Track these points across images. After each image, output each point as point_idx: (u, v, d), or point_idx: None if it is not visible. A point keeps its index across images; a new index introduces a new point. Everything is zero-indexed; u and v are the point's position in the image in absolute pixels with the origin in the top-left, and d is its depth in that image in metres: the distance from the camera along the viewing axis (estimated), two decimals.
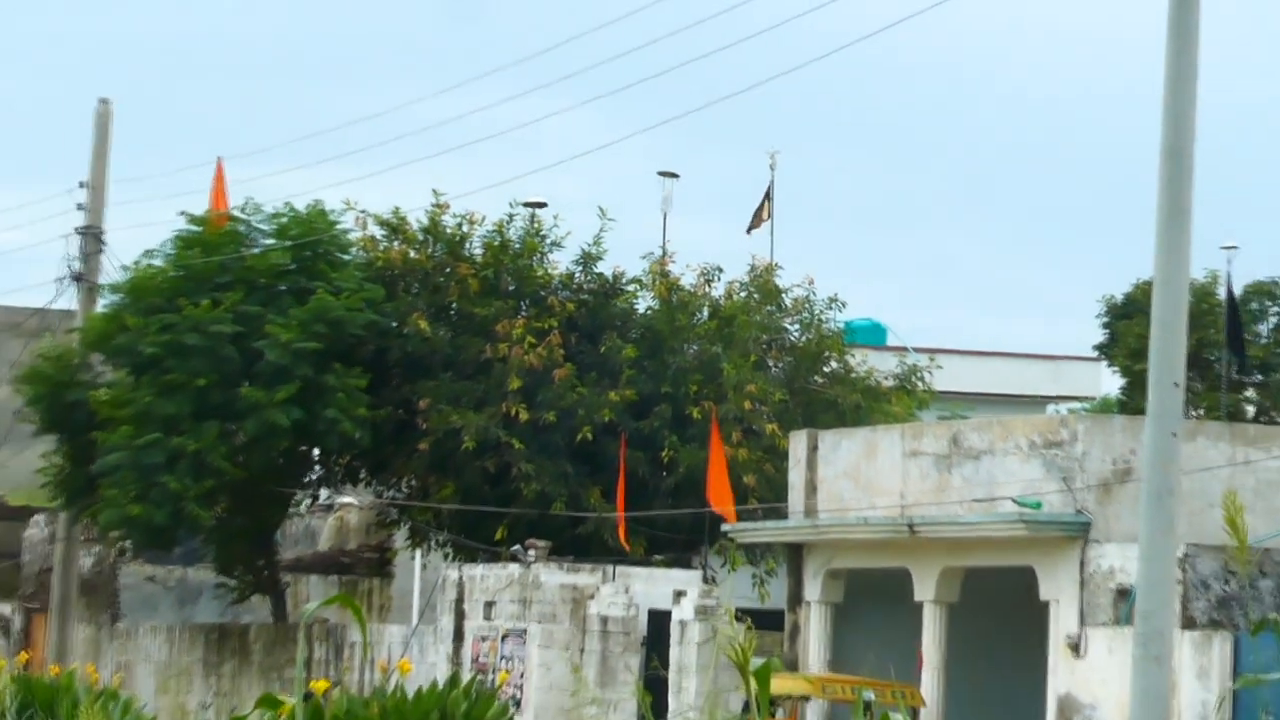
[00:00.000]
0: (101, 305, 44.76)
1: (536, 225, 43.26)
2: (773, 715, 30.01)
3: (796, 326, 45.32)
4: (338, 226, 42.95)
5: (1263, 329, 59.03)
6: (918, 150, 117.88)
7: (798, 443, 35.92)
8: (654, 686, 33.74)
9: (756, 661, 10.79)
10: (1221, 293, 55.81)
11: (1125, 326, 56.62)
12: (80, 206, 45.84)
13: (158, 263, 42.77)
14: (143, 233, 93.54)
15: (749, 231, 49.86)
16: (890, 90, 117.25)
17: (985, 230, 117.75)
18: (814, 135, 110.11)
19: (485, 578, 38.44)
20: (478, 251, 42.87)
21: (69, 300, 45.99)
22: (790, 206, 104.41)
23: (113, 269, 45.05)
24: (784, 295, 44.98)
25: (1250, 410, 56.46)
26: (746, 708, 10.72)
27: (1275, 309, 59.02)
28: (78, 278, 45.43)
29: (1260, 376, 58.55)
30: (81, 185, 45.95)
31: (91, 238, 45.57)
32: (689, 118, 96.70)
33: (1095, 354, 61.37)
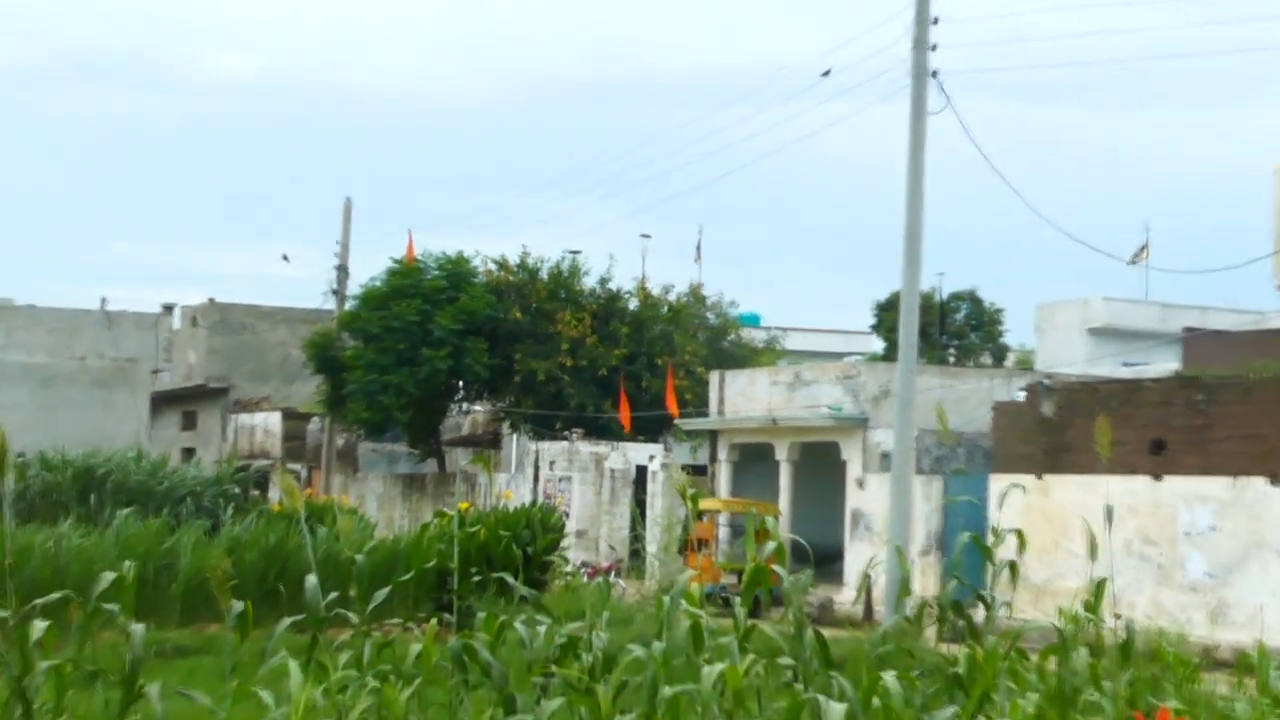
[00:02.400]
0: (348, 306, 44.83)
1: (576, 263, 43.40)
2: (700, 519, 30.29)
3: (713, 316, 45.63)
4: (471, 264, 43.02)
5: (959, 316, 59.23)
6: (790, 219, 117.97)
7: (714, 379, 36.04)
8: (639, 505, 34.02)
9: (692, 491, 11.00)
10: (937, 297, 56.06)
11: (887, 315, 56.63)
12: (335, 254, 45.99)
13: (378, 284, 42.82)
14: (370, 268, 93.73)
15: (696, 262, 50.08)
16: (774, 185, 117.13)
17: (818, 261, 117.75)
18: (727, 214, 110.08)
19: (550, 449, 38.55)
20: (545, 276, 42.96)
21: (330, 304, 46.17)
22: (714, 251, 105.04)
23: (354, 287, 45.20)
24: (707, 299, 45.40)
25: (951, 360, 56.62)
26: (686, 516, 10.95)
27: (965, 307, 59.13)
28: (335, 292, 45.60)
29: (957, 341, 58.74)
30: (336, 243, 46.09)
31: (342, 271, 45.65)
32: (657, 205, 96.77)
33: (870, 330, 61.54)
